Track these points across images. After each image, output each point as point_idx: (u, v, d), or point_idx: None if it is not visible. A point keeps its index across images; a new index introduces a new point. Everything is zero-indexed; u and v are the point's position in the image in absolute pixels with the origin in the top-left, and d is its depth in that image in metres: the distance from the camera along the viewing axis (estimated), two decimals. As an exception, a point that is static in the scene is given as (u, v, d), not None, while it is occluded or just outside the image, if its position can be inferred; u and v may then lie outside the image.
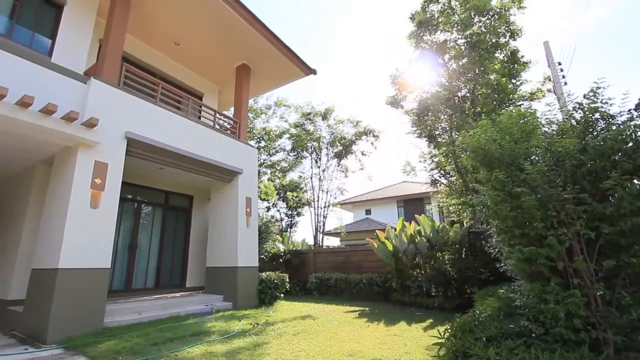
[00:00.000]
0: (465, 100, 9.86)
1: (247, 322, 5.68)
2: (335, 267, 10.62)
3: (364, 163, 17.01)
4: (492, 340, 3.00)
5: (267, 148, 18.62)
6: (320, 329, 5.26)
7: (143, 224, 8.12)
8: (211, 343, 4.34)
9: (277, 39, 8.88)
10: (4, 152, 5.84)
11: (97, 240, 5.23)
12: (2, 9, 6.11)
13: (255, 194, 8.69)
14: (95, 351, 3.95)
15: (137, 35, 8.31)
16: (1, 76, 4.62)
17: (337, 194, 16.99)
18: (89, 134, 5.31)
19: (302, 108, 16.96)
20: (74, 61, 6.66)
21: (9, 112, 4.52)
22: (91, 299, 5.01)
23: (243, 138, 9.00)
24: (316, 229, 16.01)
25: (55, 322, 4.56)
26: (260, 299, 7.86)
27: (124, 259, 7.49)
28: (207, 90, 10.58)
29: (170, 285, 8.30)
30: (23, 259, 5.88)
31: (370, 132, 16.33)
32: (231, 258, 7.73)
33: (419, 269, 8.46)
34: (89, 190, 5.25)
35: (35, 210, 6.11)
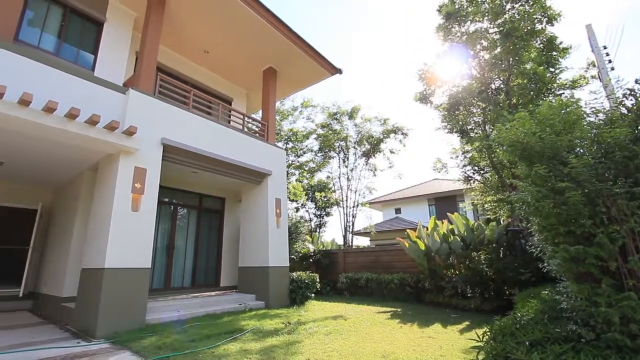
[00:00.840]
0: (500, 92, 9.39)
1: (280, 321, 5.77)
2: (365, 267, 10.52)
3: (392, 161, 16.73)
4: (536, 345, 2.83)
5: (295, 149, 18.82)
6: (352, 329, 5.23)
7: (179, 225, 8.49)
8: (246, 341, 4.45)
9: (302, 41, 8.96)
10: (56, 161, 6.36)
11: (138, 242, 5.54)
12: (51, 30, 6.65)
13: (284, 195, 8.80)
14: (139, 346, 4.18)
15: (169, 45, 8.72)
16: (51, 91, 5.00)
17: (365, 193, 16.84)
18: (129, 142, 5.63)
19: (328, 108, 16.98)
20: (113, 73, 7.13)
21: (59, 124, 4.90)
22: (134, 297, 5.31)
23: (271, 140, 9.15)
24: (345, 229, 15.96)
25: (103, 318, 4.89)
26: (292, 298, 7.95)
27: (163, 259, 7.87)
28: (235, 94, 10.88)
29: (205, 285, 8.61)
30: (74, 259, 6.35)
31: (399, 129, 16.02)
32: (262, 258, 7.88)
33: (453, 269, 8.17)
34: (130, 194, 5.57)
35: (83, 214, 6.59)
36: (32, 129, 4.83)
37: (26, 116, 4.59)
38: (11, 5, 5.55)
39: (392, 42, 49.78)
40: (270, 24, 8.10)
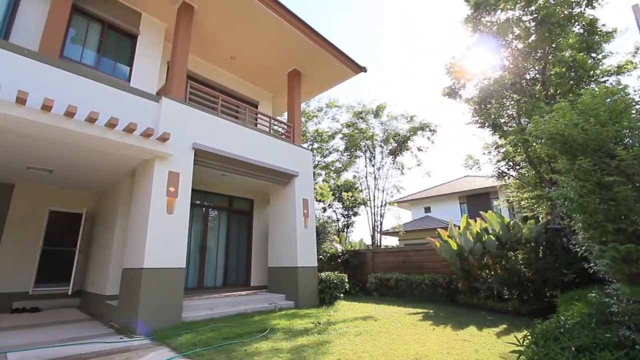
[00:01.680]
0: (535, 82, 8.89)
1: (309, 321, 5.79)
2: (394, 267, 10.33)
3: (420, 159, 16.32)
4: (584, 351, 2.64)
5: (321, 150, 18.87)
6: (382, 330, 5.15)
7: (211, 227, 8.77)
8: (276, 340, 4.51)
9: (325, 42, 8.98)
10: (98, 168, 6.79)
11: (173, 243, 5.78)
12: (91, 46, 7.12)
13: (311, 196, 8.85)
14: (176, 343, 4.36)
15: (198, 54, 9.04)
16: (93, 103, 5.34)
17: (393, 192, 16.55)
18: (163, 147, 5.90)
19: (353, 108, 16.86)
20: (147, 83, 7.51)
21: (100, 133, 5.23)
22: (171, 295, 5.55)
23: (297, 141, 9.23)
24: (373, 229, 15.77)
25: (143, 316, 5.15)
26: (321, 298, 7.97)
27: (196, 260, 8.17)
28: (261, 98, 11.09)
29: (236, 284, 8.84)
30: (116, 260, 6.74)
31: (426, 126, 15.60)
32: (291, 258, 7.96)
33: (487, 270, 7.83)
34: (165, 197, 5.83)
35: (123, 217, 6.98)
36: (76, 139, 5.18)
37: (71, 127, 4.94)
38: (57, 25, 6.00)
39: (418, 38, 48.65)
40: (294, 27, 8.19)
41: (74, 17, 6.80)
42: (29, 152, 5.86)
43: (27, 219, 7.84)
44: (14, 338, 4.75)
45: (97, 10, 7.10)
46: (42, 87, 4.85)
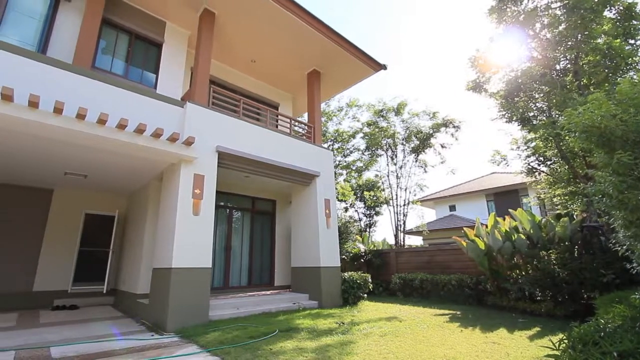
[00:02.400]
0: (566, 72, 8.44)
1: (333, 321, 5.78)
2: (419, 267, 10.13)
3: (444, 156, 15.92)
4: (627, 357, 2.47)
5: (341, 149, 18.82)
6: (407, 332, 5.06)
7: (235, 227, 8.96)
8: (301, 339, 4.54)
9: (345, 41, 8.95)
10: (128, 172, 7.10)
11: (200, 243, 5.95)
12: (120, 56, 7.45)
13: (333, 196, 8.84)
14: (204, 340, 4.48)
15: (219, 58, 9.26)
16: (122, 109, 5.59)
17: (416, 190, 16.23)
18: (188, 151, 6.09)
19: (373, 106, 16.69)
20: (172, 89, 7.78)
21: (130, 139, 5.47)
22: (198, 294, 5.71)
23: (318, 142, 9.25)
24: (396, 228, 15.54)
25: (172, 314, 5.33)
26: (344, 298, 7.94)
27: (221, 260, 8.36)
28: (281, 99, 11.20)
29: (260, 284, 8.97)
30: (146, 260, 7.02)
31: (450, 122, 15.20)
32: (314, 258, 7.99)
33: (518, 270, 7.51)
34: (191, 199, 6.01)
35: (152, 219, 7.26)
36: (108, 145, 5.44)
37: (103, 134, 5.20)
38: (89, 38, 6.33)
39: (440, 32, 47.53)
40: (313, 27, 8.23)
41: (103, 29, 7.14)
42: (66, 158, 6.21)
43: (65, 222, 8.33)
44: (55, 334, 5.06)
45: (125, 21, 7.43)
46: (76, 97, 5.12)
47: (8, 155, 5.98)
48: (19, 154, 5.93)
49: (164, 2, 7.54)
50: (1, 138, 5.20)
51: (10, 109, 4.46)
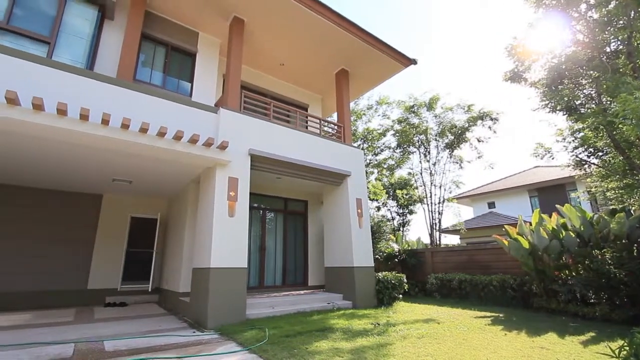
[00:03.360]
0: (618, 54, 7.73)
1: (368, 322, 5.72)
2: (456, 268, 9.75)
3: (481, 151, 15.18)
4: (701, 368, 2.21)
5: (372, 147, 18.59)
6: (446, 334, 4.89)
7: (268, 228, 9.15)
8: (336, 340, 4.53)
9: (372, 38, 8.85)
10: (168, 177, 7.50)
11: (235, 244, 6.14)
12: (158, 67, 7.89)
13: (365, 195, 8.76)
14: (242, 338, 4.61)
15: (249, 64, 9.51)
16: (161, 118, 5.90)
17: (451, 187, 15.63)
18: (223, 155, 6.32)
19: (404, 102, 16.31)
20: (206, 96, 8.11)
21: (169, 145, 5.77)
22: (235, 294, 5.90)
23: (348, 141, 9.21)
24: (431, 227, 15.06)
25: (212, 312, 5.55)
26: (379, 299, 7.83)
27: (256, 260, 8.58)
28: (311, 100, 11.28)
29: (294, 284, 9.08)
30: (186, 260, 7.37)
31: (487, 115, 14.47)
32: (347, 258, 7.96)
33: (567, 270, 6.99)
34: (226, 201, 6.22)
35: (191, 220, 7.60)
36: (149, 152, 5.78)
37: (145, 141, 5.53)
38: (130, 53, 6.77)
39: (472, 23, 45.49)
40: (340, 27, 8.21)
41: (143, 43, 7.59)
42: (113, 165, 6.69)
43: (113, 225, 8.96)
44: (107, 329, 5.46)
45: (162, 35, 7.85)
46: (120, 108, 5.48)
47: (63, 164, 6.55)
48: (72, 163, 6.47)
49: (196, 14, 7.88)
50: (58, 149, 5.70)
51: (64, 123, 4.88)
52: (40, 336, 4.82)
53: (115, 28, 7.22)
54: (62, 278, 8.10)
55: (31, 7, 6.11)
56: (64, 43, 6.30)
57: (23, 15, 5.96)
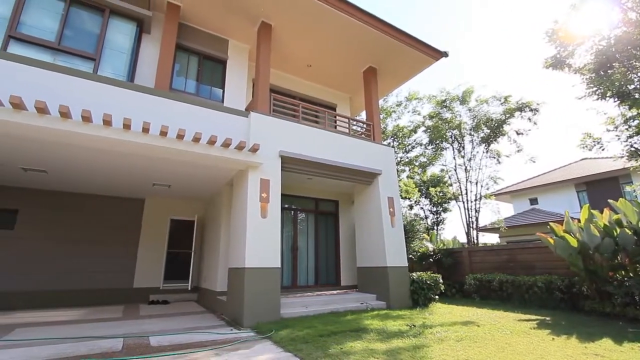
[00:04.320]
0: (678, 33, 6.98)
1: (403, 323, 5.60)
2: (496, 267, 9.27)
3: (520, 144, 14.33)
4: None
5: (402, 145, 18.20)
6: (487, 337, 4.66)
7: (300, 228, 9.25)
8: (370, 340, 4.48)
9: (400, 33, 8.68)
10: (203, 180, 7.82)
11: (269, 244, 6.27)
12: (192, 76, 8.26)
13: (396, 193, 8.59)
14: (277, 337, 4.70)
15: (277, 67, 9.68)
16: (196, 124, 6.16)
17: (489, 184, 14.90)
18: (254, 158, 6.48)
19: (435, 97, 15.80)
20: (237, 100, 8.36)
21: (204, 150, 6.01)
22: (270, 293, 6.02)
23: (378, 139, 9.09)
24: (468, 225, 14.46)
25: (248, 311, 5.70)
26: (414, 300, 7.65)
27: (289, 260, 8.70)
28: (339, 100, 11.26)
29: (327, 284, 9.10)
30: (222, 260, 7.63)
31: (526, 106, 13.64)
32: (380, 258, 7.85)
33: (623, 271, 6.41)
34: (259, 203, 6.37)
35: (226, 222, 7.86)
36: (186, 157, 6.06)
37: (182, 147, 5.80)
38: (166, 63, 7.13)
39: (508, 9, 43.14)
40: (367, 24, 8.13)
41: (177, 54, 7.98)
42: (153, 171, 7.08)
43: (154, 227, 9.50)
44: (152, 325, 5.79)
45: (195, 44, 8.21)
46: (159, 116, 5.79)
47: (110, 171, 7.03)
48: (117, 170, 6.94)
49: (226, 22, 8.15)
50: (105, 157, 6.14)
51: (109, 132, 5.24)
52: (94, 330, 5.22)
53: (152, 41, 7.64)
54: (111, 277, 8.71)
55: (79, 27, 6.63)
56: (108, 58, 6.77)
57: (72, 35, 6.48)
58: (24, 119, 4.69)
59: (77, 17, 6.64)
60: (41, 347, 4.20)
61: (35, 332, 5.09)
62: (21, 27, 6.01)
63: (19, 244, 7.93)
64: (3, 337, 4.78)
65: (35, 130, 4.85)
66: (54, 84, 5.18)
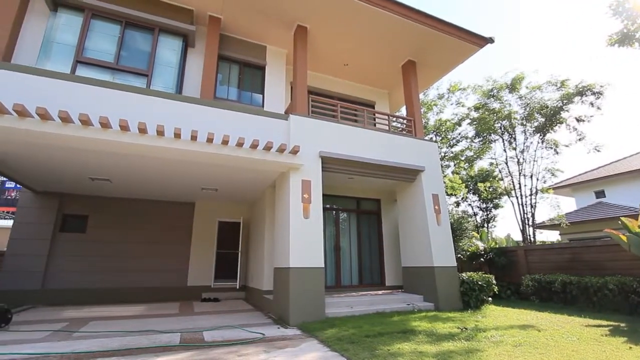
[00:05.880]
0: None
1: (454, 325, 5.35)
2: (557, 268, 8.50)
3: (582, 132, 12.97)
4: None
5: (446, 140, 17.41)
6: (550, 344, 4.28)
7: (342, 228, 9.23)
8: (419, 342, 4.34)
9: (440, 23, 8.34)
10: (248, 184, 8.12)
11: (312, 244, 6.34)
12: (234, 84, 8.63)
13: (441, 190, 8.24)
14: (323, 336, 4.73)
15: (314, 68, 9.76)
16: (239, 129, 6.41)
17: (546, 176, 13.69)
18: (295, 159, 6.60)
19: (480, 87, 14.88)
20: (277, 104, 8.57)
21: (247, 154, 6.25)
22: (314, 292, 6.09)
23: (420, 135, 8.79)
24: (523, 222, 13.41)
25: (293, 310, 5.82)
26: (464, 301, 7.28)
27: (332, 260, 8.72)
28: (377, 97, 11.08)
29: (371, 284, 8.98)
30: (268, 259, 7.86)
31: (587, 89, 12.31)
32: (426, 258, 7.58)
33: None
34: (301, 204, 6.47)
35: (270, 223, 8.10)
36: (231, 161, 6.35)
37: (227, 152, 6.09)
38: (210, 74, 7.53)
39: (558, -16, 39.42)
40: (404, 17, 7.93)
41: (219, 63, 8.39)
42: (201, 176, 7.51)
43: (204, 229, 10.06)
44: (205, 321, 6.13)
45: (235, 53, 8.57)
46: (205, 124, 6.12)
47: (163, 177, 7.58)
48: (170, 176, 7.46)
49: (263, 29, 8.40)
50: (158, 165, 6.63)
51: (163, 142, 5.65)
52: (154, 325, 5.66)
53: (196, 53, 8.11)
54: (167, 276, 9.39)
55: (133, 47, 7.24)
56: (158, 73, 7.30)
57: (127, 55, 7.10)
58: (91, 133, 5.22)
59: (131, 38, 7.25)
60: (111, 339, 4.65)
61: (105, 325, 5.64)
62: (86, 52, 6.71)
63: (89, 246, 8.87)
64: (80, 328, 5.37)
65: (100, 143, 5.37)
66: (114, 100, 5.70)
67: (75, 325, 5.61)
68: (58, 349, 4.11)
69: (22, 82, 5.20)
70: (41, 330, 5.18)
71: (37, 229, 8.43)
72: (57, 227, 8.70)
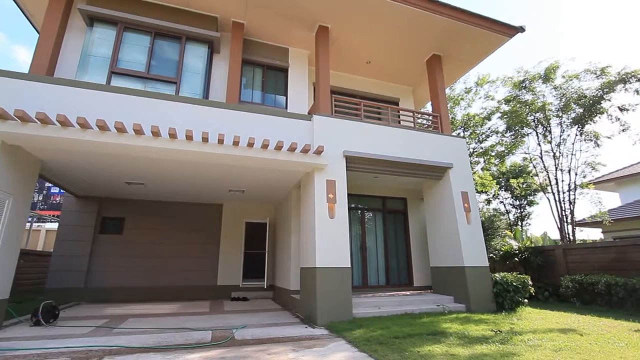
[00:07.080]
0: None
1: (487, 328, 5.15)
2: (600, 268, 7.96)
3: (626, 122, 12.05)
4: None
5: (475, 135, 16.79)
6: (594, 349, 4.02)
7: (368, 228, 9.14)
8: (450, 345, 4.21)
9: (466, 14, 8.07)
10: (273, 184, 8.24)
11: (338, 244, 6.33)
12: (257, 87, 8.80)
13: (471, 187, 7.96)
14: (351, 336, 4.70)
15: (336, 68, 9.75)
16: (264, 131, 6.52)
17: (585, 171, 12.86)
18: (319, 159, 6.61)
19: (511, 78, 14.21)
20: (300, 105, 8.64)
21: (272, 155, 6.34)
22: (341, 292, 6.07)
23: (447, 131, 8.55)
24: (561, 220, 12.67)
25: (321, 309, 5.83)
26: (498, 303, 6.98)
27: (358, 259, 8.66)
28: (401, 94, 10.88)
29: (399, 284, 8.83)
30: (294, 259, 7.93)
31: (631, 76, 11.42)
32: (455, 257, 7.35)
33: None
34: (326, 204, 6.48)
35: (295, 223, 8.17)
36: (255, 163, 6.47)
37: (252, 154, 6.21)
38: (235, 78, 7.72)
39: (596, -35, 36.84)
40: (429, 10, 7.76)
41: (243, 67, 8.58)
42: (229, 178, 7.71)
43: (232, 229, 10.32)
44: (235, 319, 6.29)
45: (259, 57, 8.73)
46: (232, 127, 6.27)
47: (193, 181, 7.86)
48: (199, 179, 7.72)
49: (285, 32, 8.50)
50: (189, 168, 6.88)
51: (192, 146, 5.85)
52: (187, 323, 5.88)
53: (221, 59, 8.34)
54: (199, 275, 9.73)
55: (162, 57, 7.55)
56: (186, 80, 7.57)
57: (157, 64, 7.42)
58: (126, 140, 5.50)
59: (160, 48, 7.57)
60: (148, 335, 4.88)
61: (142, 322, 5.93)
62: (119, 63, 7.09)
63: (126, 246, 9.36)
64: (120, 325, 5.68)
65: (134, 149, 5.65)
66: (146, 107, 5.97)
67: (115, 322, 5.94)
68: (101, 343, 4.37)
69: (63, 94, 5.58)
70: (85, 326, 5.53)
71: (80, 231, 9.02)
72: (97, 229, 9.26)
